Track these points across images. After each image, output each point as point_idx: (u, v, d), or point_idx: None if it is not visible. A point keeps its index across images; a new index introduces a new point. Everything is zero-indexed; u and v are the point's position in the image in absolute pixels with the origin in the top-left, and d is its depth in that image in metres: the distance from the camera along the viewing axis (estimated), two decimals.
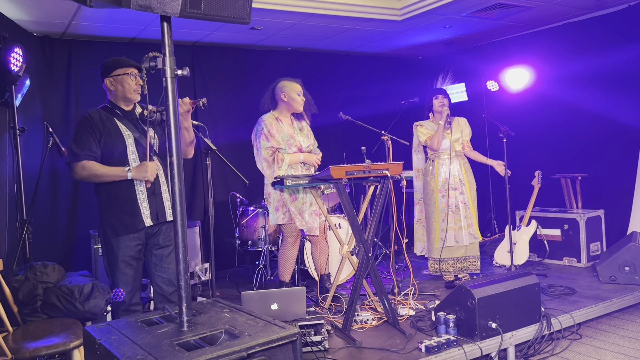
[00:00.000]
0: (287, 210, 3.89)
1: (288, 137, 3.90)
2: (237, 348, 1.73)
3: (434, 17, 5.06)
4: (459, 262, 4.37)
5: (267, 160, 3.82)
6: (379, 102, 6.44)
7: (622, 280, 4.16)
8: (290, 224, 3.91)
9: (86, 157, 2.83)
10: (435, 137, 4.37)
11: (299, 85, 3.96)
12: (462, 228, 4.34)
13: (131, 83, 2.93)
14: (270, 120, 3.91)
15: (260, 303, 3.10)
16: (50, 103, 4.90)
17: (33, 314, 2.89)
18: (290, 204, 3.87)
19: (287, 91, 3.92)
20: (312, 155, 3.97)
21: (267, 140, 3.83)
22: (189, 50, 5.59)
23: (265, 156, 3.82)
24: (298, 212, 3.88)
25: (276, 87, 3.98)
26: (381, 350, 2.99)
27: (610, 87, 5.20)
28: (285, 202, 3.88)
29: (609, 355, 3.19)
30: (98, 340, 1.87)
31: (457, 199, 4.35)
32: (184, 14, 1.84)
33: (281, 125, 3.92)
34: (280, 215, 3.90)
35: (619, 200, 5.15)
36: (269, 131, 3.85)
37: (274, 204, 3.92)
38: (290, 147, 3.89)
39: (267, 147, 3.82)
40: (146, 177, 2.85)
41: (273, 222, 3.95)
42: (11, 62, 3.47)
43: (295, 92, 3.92)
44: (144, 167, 2.85)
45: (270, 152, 3.83)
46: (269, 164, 3.83)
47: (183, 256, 1.98)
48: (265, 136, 3.84)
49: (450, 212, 4.34)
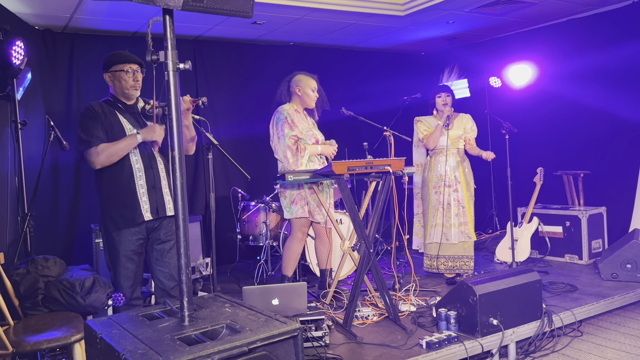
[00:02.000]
0: (306, 203, 3.88)
1: (307, 129, 3.90)
2: (238, 343, 1.73)
3: (437, 12, 5.04)
4: (451, 261, 4.37)
5: (291, 148, 3.79)
6: (381, 98, 6.43)
7: (623, 277, 4.16)
8: (302, 218, 3.90)
9: (97, 141, 2.83)
10: (431, 137, 4.36)
11: (314, 81, 3.96)
12: (452, 226, 4.33)
13: (128, 79, 2.91)
14: (292, 110, 3.91)
15: (262, 298, 3.10)
16: (52, 97, 4.89)
17: (34, 308, 2.89)
18: (310, 197, 3.87)
19: (302, 86, 3.92)
20: (329, 147, 3.97)
21: (291, 129, 3.81)
22: (191, 44, 5.58)
23: (289, 144, 3.79)
24: (317, 205, 3.87)
25: (292, 80, 3.98)
26: (382, 346, 2.99)
27: (613, 84, 5.17)
28: (304, 195, 3.88)
29: (610, 353, 3.18)
30: (99, 334, 1.87)
31: (450, 196, 4.34)
32: (187, 7, 1.83)
33: (300, 116, 3.93)
34: (299, 209, 3.87)
35: (621, 198, 5.13)
36: (292, 120, 3.84)
37: (290, 197, 3.90)
38: (310, 139, 3.90)
39: (291, 135, 3.80)
40: (154, 137, 2.86)
41: (289, 216, 3.92)
42: (13, 55, 3.46)
43: (309, 87, 3.92)
44: (152, 128, 2.87)
45: (293, 141, 3.81)
46: (293, 152, 3.80)
47: (184, 251, 1.97)
48: (289, 124, 3.82)
49: (440, 209, 4.34)
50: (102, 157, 2.82)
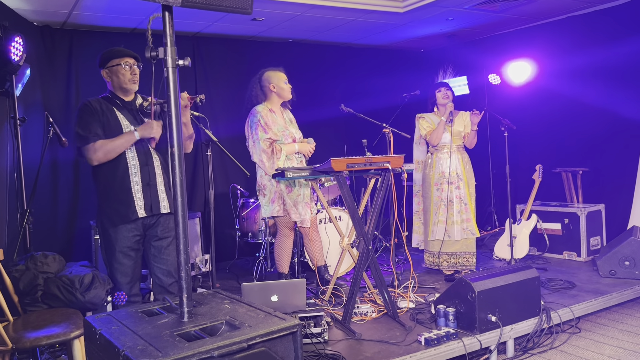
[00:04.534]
0: (283, 202, 3.89)
1: (283, 129, 3.89)
2: (237, 339, 1.74)
3: (436, 9, 5.03)
4: (453, 257, 4.37)
5: (266, 152, 3.80)
6: (381, 95, 6.42)
7: (622, 274, 4.17)
8: (284, 216, 3.91)
9: (95, 137, 2.82)
10: (434, 133, 4.36)
11: (283, 74, 3.97)
12: (454, 223, 4.33)
13: (126, 73, 2.91)
14: (265, 112, 3.89)
15: (261, 294, 3.11)
16: (51, 93, 4.88)
17: (33, 304, 2.90)
18: (286, 195, 3.87)
19: (274, 81, 3.91)
20: (306, 145, 3.96)
21: (265, 132, 3.81)
22: (190, 41, 5.57)
23: (264, 148, 3.80)
24: (293, 204, 3.88)
25: (262, 79, 3.97)
26: (381, 342, 3.00)
27: (612, 81, 5.17)
28: (281, 194, 3.88)
29: (608, 349, 3.19)
30: (99, 331, 1.87)
31: (452, 193, 4.34)
32: (186, 4, 1.83)
33: (275, 116, 3.91)
34: (277, 207, 3.88)
35: (619, 195, 5.14)
36: (265, 122, 3.82)
37: (269, 195, 3.90)
38: (286, 139, 3.88)
39: (265, 138, 3.80)
40: (152, 133, 2.86)
41: (267, 215, 3.94)
42: (11, 51, 3.45)
43: (282, 81, 3.92)
44: (149, 124, 2.87)
45: (268, 144, 3.81)
46: (269, 155, 3.81)
47: (184, 247, 1.97)
48: (262, 127, 3.81)
49: (442, 206, 4.34)
50: (100, 153, 2.82)
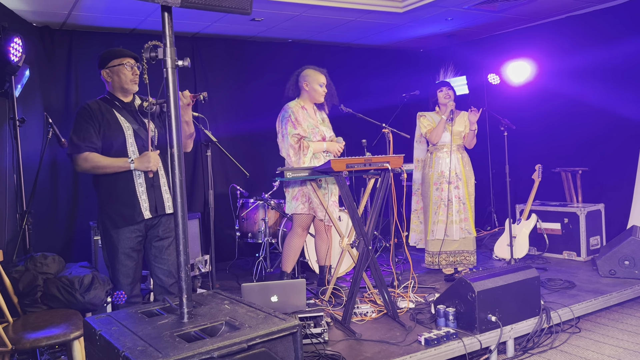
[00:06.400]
0: (307, 200, 3.89)
1: (313, 127, 3.91)
2: (237, 339, 1.73)
3: (435, 9, 5.03)
4: (452, 256, 4.38)
5: (293, 147, 3.83)
6: (380, 95, 6.42)
7: (621, 274, 4.17)
8: (303, 214, 3.91)
9: (87, 148, 2.81)
10: (434, 131, 4.36)
11: (323, 76, 3.96)
12: (453, 222, 4.34)
13: (127, 73, 2.91)
14: (297, 108, 3.92)
15: (260, 295, 3.11)
16: (50, 94, 4.88)
17: (33, 305, 2.89)
18: (312, 193, 3.87)
19: (309, 81, 3.93)
20: (334, 144, 3.98)
21: (294, 127, 3.84)
22: (190, 41, 5.57)
23: (292, 143, 3.82)
24: (319, 202, 3.89)
25: (300, 75, 3.99)
26: (381, 342, 3.00)
27: (612, 82, 5.17)
28: (306, 192, 3.89)
29: (608, 349, 3.19)
30: (98, 331, 1.87)
31: (452, 192, 4.35)
32: (185, 4, 1.83)
33: (306, 114, 3.93)
34: (300, 205, 3.89)
35: (619, 195, 5.14)
36: (295, 118, 3.86)
37: (292, 192, 3.92)
38: (315, 136, 3.91)
39: (293, 134, 3.83)
40: (149, 167, 2.84)
41: (289, 211, 3.96)
42: (11, 52, 3.44)
43: (317, 82, 3.93)
44: (147, 157, 2.84)
45: (296, 139, 3.83)
46: (295, 151, 3.83)
47: (184, 248, 1.97)
48: (292, 123, 3.84)
49: (442, 205, 4.34)
50: (87, 165, 2.82)
